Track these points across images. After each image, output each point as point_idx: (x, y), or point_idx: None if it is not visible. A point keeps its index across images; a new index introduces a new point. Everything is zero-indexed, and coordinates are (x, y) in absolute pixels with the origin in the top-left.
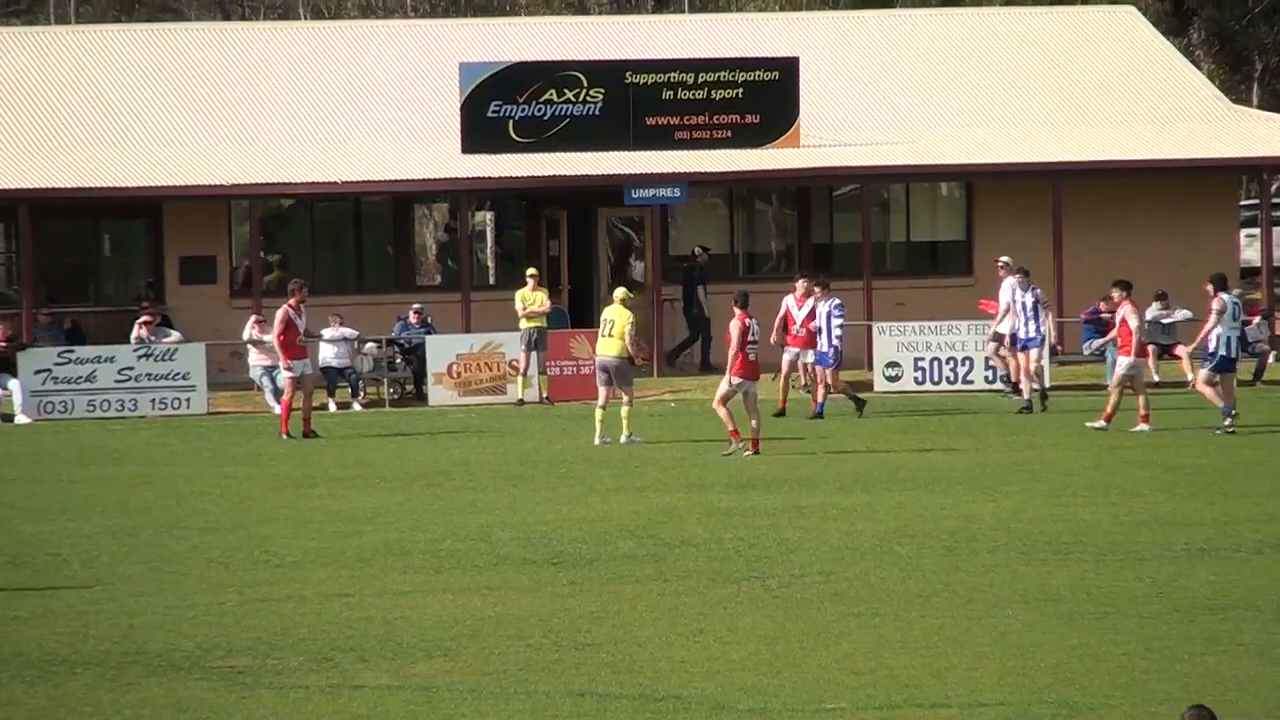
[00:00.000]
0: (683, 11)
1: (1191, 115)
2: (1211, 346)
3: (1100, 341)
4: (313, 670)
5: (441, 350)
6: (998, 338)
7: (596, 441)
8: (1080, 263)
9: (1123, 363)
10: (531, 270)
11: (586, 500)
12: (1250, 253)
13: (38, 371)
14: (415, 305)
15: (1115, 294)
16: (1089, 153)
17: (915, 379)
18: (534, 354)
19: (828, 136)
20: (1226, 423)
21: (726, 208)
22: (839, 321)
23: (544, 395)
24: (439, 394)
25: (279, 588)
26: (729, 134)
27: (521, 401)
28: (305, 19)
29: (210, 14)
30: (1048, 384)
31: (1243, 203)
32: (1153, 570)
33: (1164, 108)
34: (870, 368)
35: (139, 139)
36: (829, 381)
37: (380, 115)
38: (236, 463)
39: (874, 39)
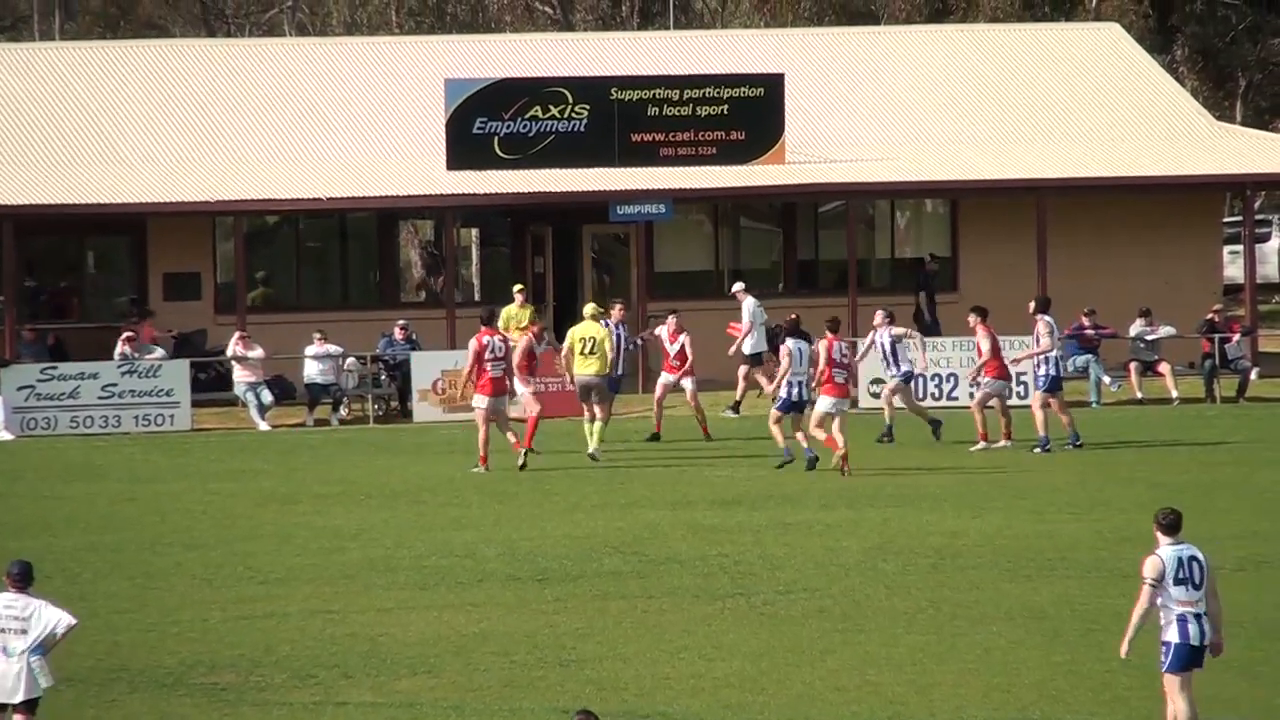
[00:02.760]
0: (668, 28)
1: (1175, 132)
2: (1043, 369)
3: (975, 373)
4: (296, 687)
5: (426, 366)
6: (747, 360)
7: (592, 449)
8: (1064, 279)
9: (988, 384)
10: (519, 285)
11: (572, 517)
12: (1234, 270)
13: (21, 388)
14: (400, 321)
15: (970, 319)
16: (1073, 169)
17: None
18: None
19: (813, 153)
20: (1037, 450)
21: (711, 225)
22: (900, 345)
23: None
24: (424, 410)
25: (263, 604)
26: (714, 150)
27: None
28: (290, 35)
29: (195, 31)
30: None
31: (1226, 219)
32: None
33: (1148, 124)
34: (855, 384)
35: (123, 156)
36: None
37: (365, 132)
38: (220, 479)
39: (859, 56)
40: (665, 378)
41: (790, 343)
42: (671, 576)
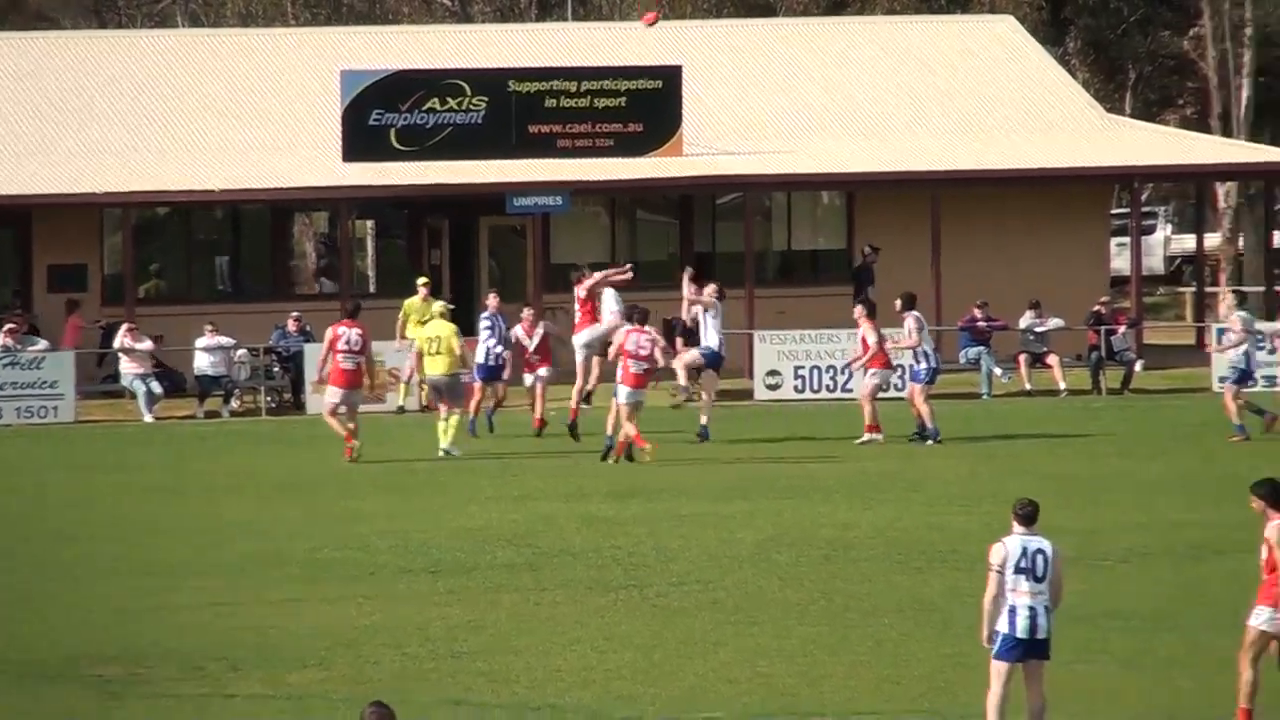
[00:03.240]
0: (566, 20)
1: (1067, 124)
2: (923, 362)
3: (857, 363)
4: (184, 679)
5: (320, 358)
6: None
7: (444, 446)
8: (958, 271)
9: (874, 374)
10: (423, 279)
11: (465, 509)
12: (1120, 262)
13: None
14: (294, 313)
15: (856, 311)
16: (967, 161)
17: (795, 387)
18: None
19: (710, 145)
20: (928, 442)
21: (608, 217)
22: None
23: (424, 404)
24: (317, 402)
25: (149, 597)
26: (611, 142)
27: (402, 409)
28: (183, 27)
29: (86, 22)
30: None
31: (1113, 211)
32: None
33: (1041, 116)
34: (751, 376)
35: (9, 147)
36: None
37: (260, 124)
38: (106, 471)
39: (756, 48)
40: (530, 376)
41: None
42: (564, 568)
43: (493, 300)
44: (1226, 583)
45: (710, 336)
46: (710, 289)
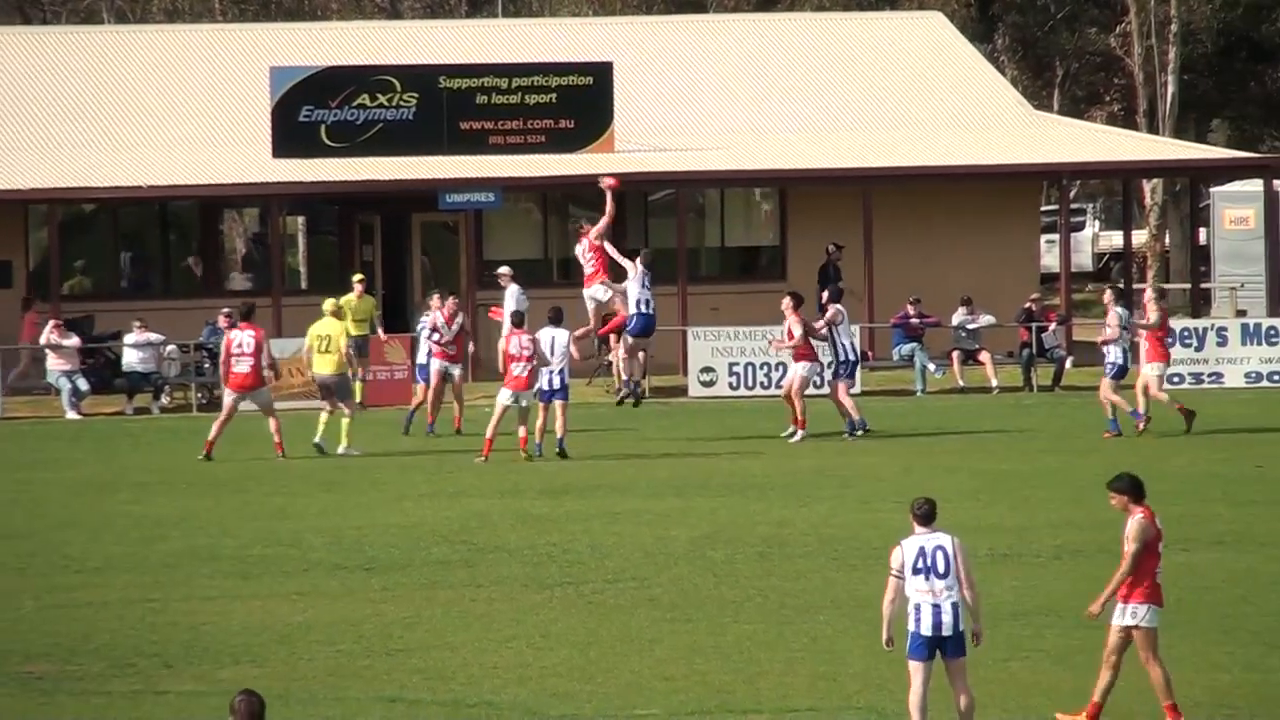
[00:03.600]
0: (496, 16)
1: (996, 121)
2: (842, 355)
3: (785, 347)
4: (115, 676)
5: None
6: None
7: (341, 450)
8: (890, 267)
9: (802, 367)
10: (359, 276)
11: (400, 505)
12: (1050, 258)
13: None
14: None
15: (784, 303)
16: (898, 158)
17: (730, 384)
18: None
19: (642, 141)
20: (858, 433)
21: (541, 213)
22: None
23: (360, 401)
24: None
25: (79, 593)
26: (543, 139)
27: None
28: (109, 23)
29: (9, 18)
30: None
31: (1043, 208)
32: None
33: (970, 113)
34: (685, 373)
35: None
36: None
37: (188, 120)
38: (32, 468)
39: (687, 44)
40: (438, 365)
41: (543, 332)
42: (500, 565)
43: (435, 302)
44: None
45: (631, 302)
46: (638, 260)
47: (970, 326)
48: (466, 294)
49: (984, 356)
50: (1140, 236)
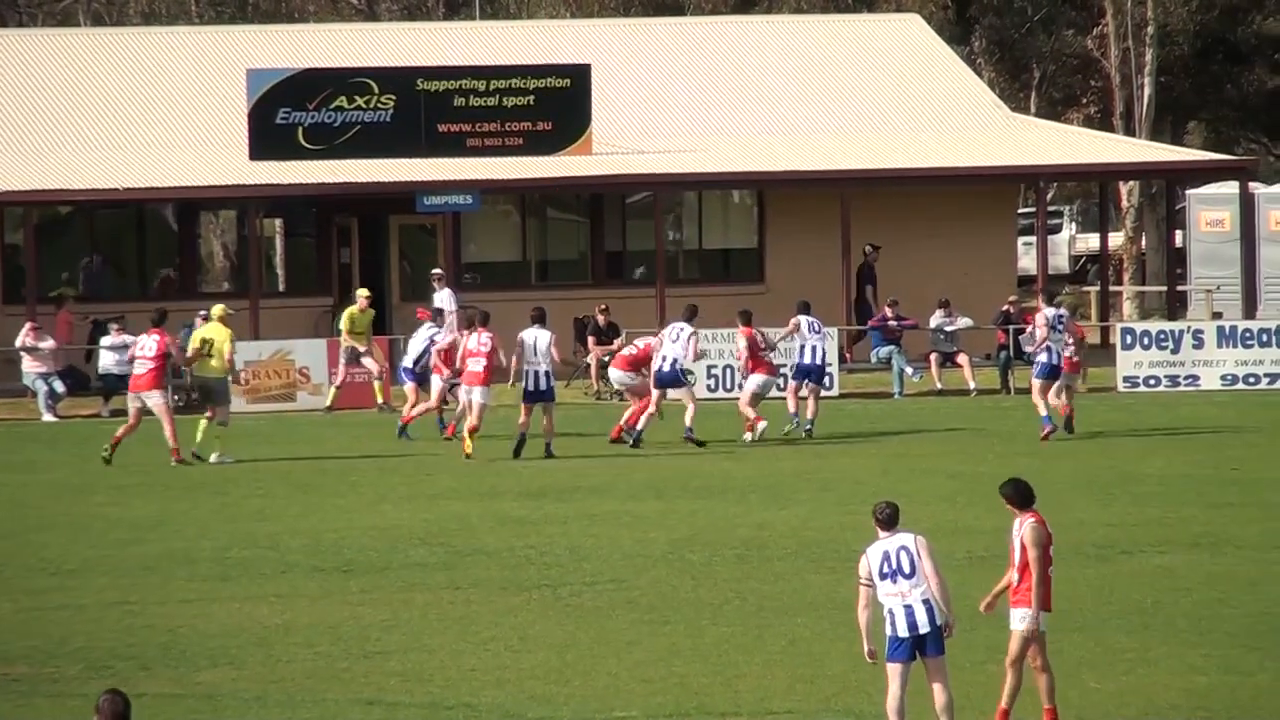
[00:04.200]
0: (474, 18)
1: (973, 123)
2: (797, 358)
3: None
4: (92, 678)
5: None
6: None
7: (214, 459)
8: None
9: (754, 381)
10: (365, 292)
11: (378, 508)
12: (1027, 260)
13: None
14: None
15: (738, 320)
16: (875, 160)
17: (708, 386)
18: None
19: (620, 144)
20: (799, 429)
21: (519, 215)
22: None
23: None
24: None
25: (56, 596)
26: (521, 141)
27: (331, 409)
28: (86, 25)
29: None
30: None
31: (1020, 210)
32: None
33: (947, 116)
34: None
35: None
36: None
37: (165, 122)
38: (9, 470)
39: (665, 46)
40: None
41: (525, 333)
42: (478, 568)
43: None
44: (1134, 582)
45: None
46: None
47: (948, 329)
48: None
49: (962, 359)
50: (1117, 239)
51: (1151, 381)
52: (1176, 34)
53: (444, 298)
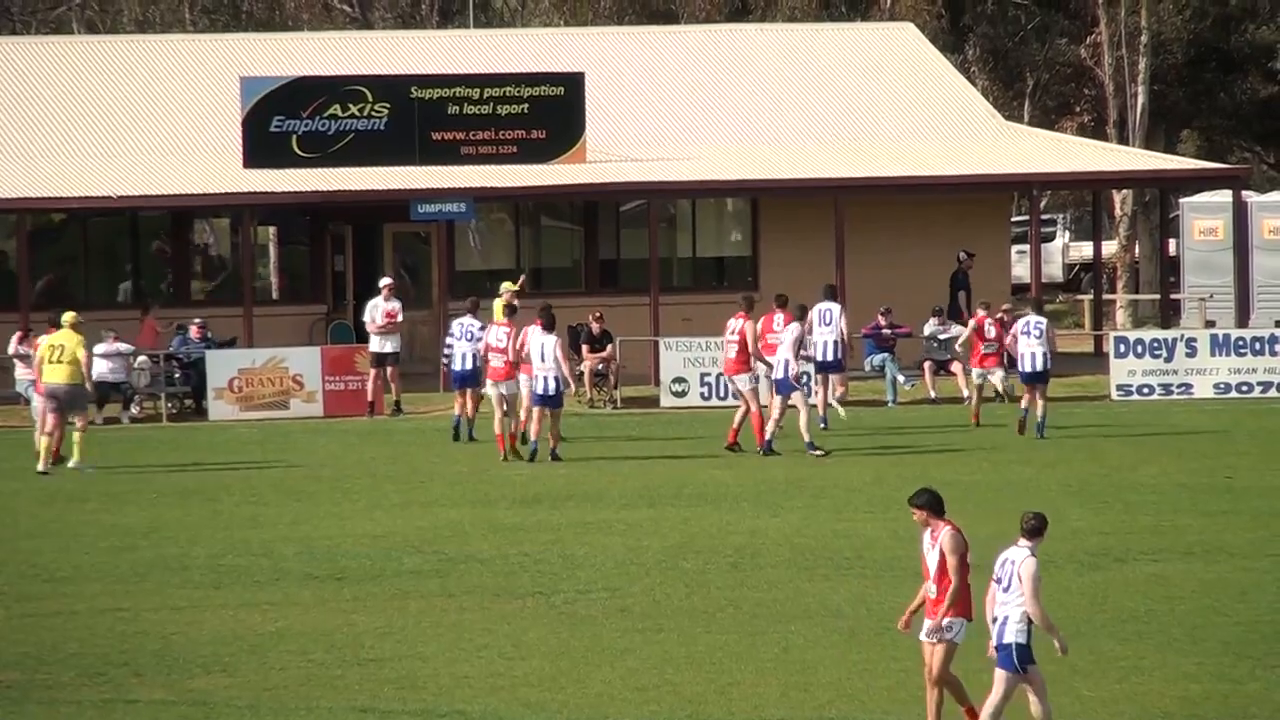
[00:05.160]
0: (468, 27)
1: (967, 132)
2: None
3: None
4: (85, 685)
5: (222, 364)
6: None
7: (40, 467)
8: (862, 278)
9: (742, 379)
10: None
11: (371, 515)
12: (1020, 269)
13: None
14: (196, 319)
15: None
16: (869, 169)
17: (701, 394)
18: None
19: (614, 152)
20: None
21: (513, 224)
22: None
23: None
24: (220, 409)
25: (49, 603)
26: (515, 149)
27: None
28: (79, 33)
29: None
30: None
31: (1014, 219)
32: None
33: (941, 124)
34: (657, 383)
35: None
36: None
37: (159, 130)
38: (2, 477)
39: (659, 54)
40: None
41: (532, 338)
42: (472, 575)
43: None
44: (1127, 590)
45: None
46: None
47: (941, 337)
48: (439, 305)
49: (955, 367)
50: (1110, 247)
51: (1145, 390)
52: (1170, 42)
53: (393, 309)
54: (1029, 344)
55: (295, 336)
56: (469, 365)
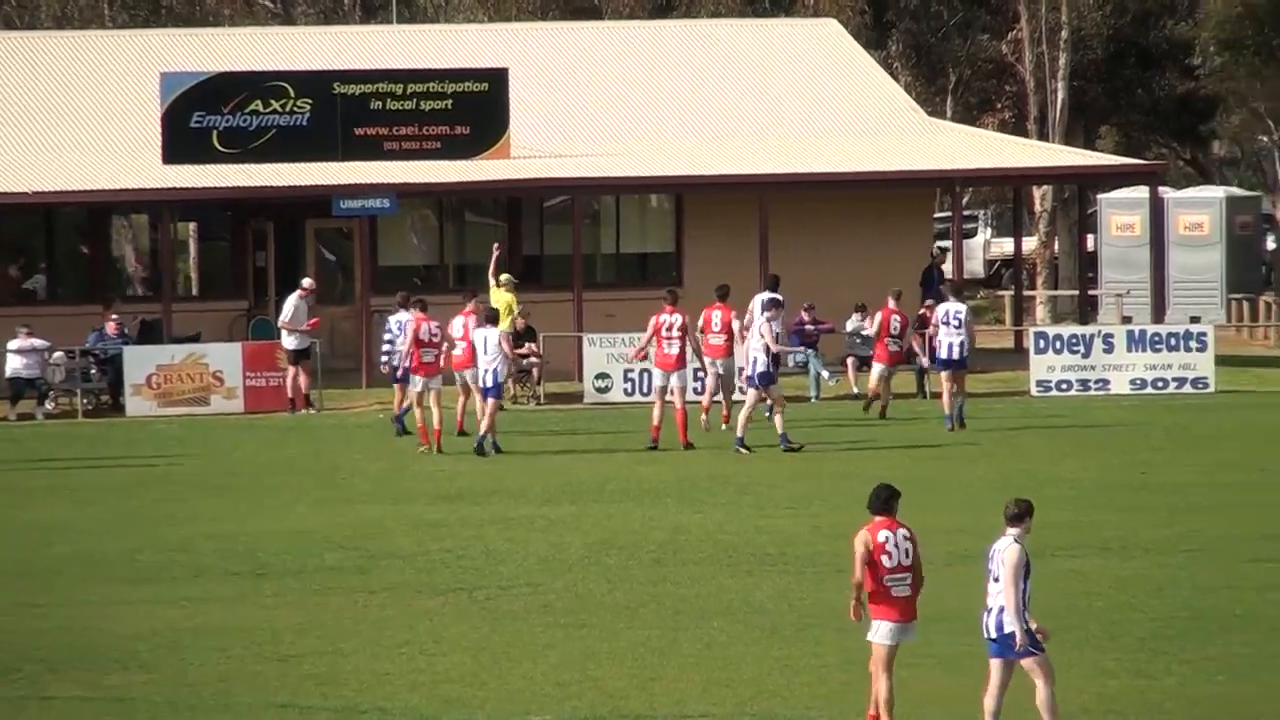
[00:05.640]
0: (391, 22)
1: (890, 128)
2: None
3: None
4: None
5: (140, 361)
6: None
7: None
8: (786, 274)
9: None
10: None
11: (292, 511)
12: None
13: None
14: (113, 315)
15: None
16: (793, 164)
17: (625, 390)
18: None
19: (538, 148)
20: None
21: (436, 219)
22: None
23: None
24: (137, 405)
25: None
26: (438, 145)
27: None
28: None
29: None
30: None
31: (936, 215)
32: (849, 582)
33: (864, 120)
34: (580, 379)
35: None
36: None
37: (77, 125)
38: None
39: (583, 51)
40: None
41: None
42: (393, 571)
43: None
44: (1046, 586)
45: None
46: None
47: (864, 333)
48: (361, 300)
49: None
50: (1031, 243)
51: (1064, 386)
52: (1090, 38)
53: (290, 303)
54: (948, 333)
55: (216, 332)
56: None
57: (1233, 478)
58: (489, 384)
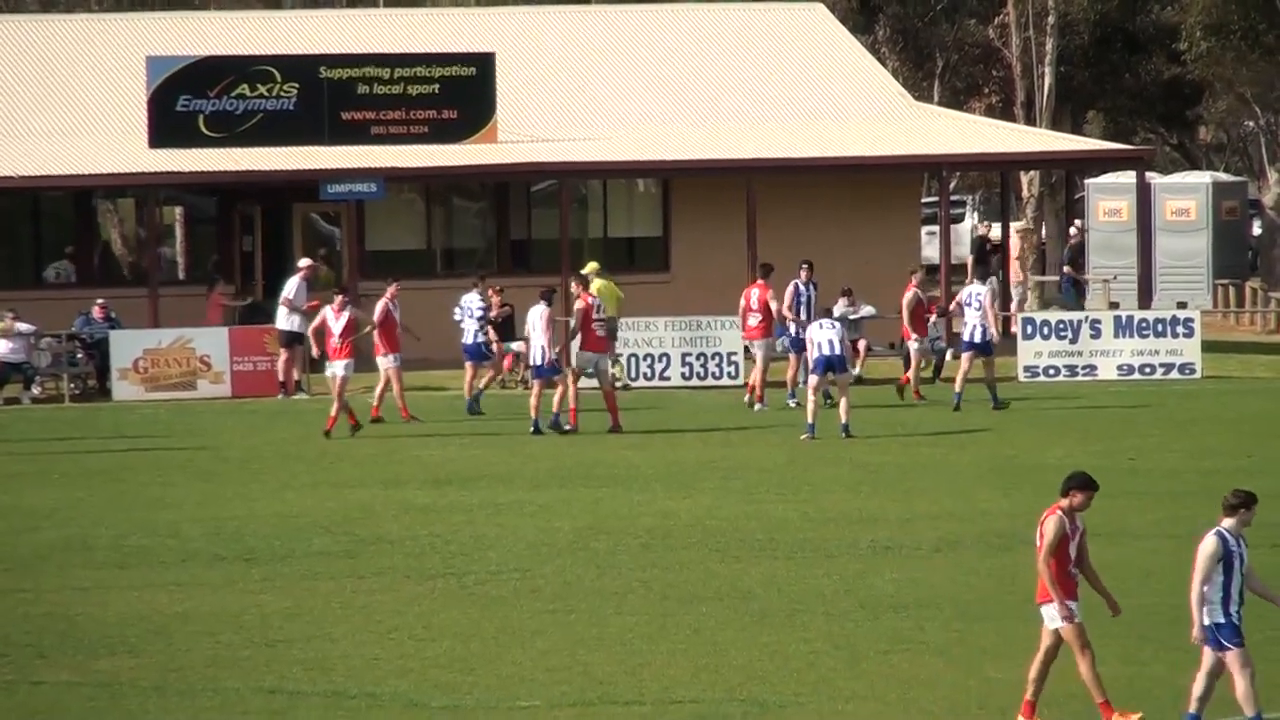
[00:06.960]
0: (378, 5)
1: (877, 112)
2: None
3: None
4: None
5: (126, 345)
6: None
7: None
8: (773, 258)
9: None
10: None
11: (281, 495)
12: (930, 250)
13: None
14: (99, 300)
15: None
16: (780, 149)
17: (613, 374)
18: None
19: (525, 132)
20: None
21: (424, 204)
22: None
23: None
24: (124, 389)
25: None
26: (426, 129)
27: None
28: None
29: None
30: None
31: (924, 200)
32: (840, 567)
33: (851, 104)
34: (568, 363)
35: None
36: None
37: (63, 109)
38: None
39: (571, 35)
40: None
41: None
42: (382, 556)
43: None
44: (1035, 572)
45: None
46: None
47: (851, 317)
48: (349, 284)
49: (861, 346)
50: (1018, 228)
51: (1051, 371)
52: (1077, 23)
53: (292, 285)
54: (972, 315)
55: (203, 317)
56: (472, 339)
57: (1220, 463)
58: (538, 361)
